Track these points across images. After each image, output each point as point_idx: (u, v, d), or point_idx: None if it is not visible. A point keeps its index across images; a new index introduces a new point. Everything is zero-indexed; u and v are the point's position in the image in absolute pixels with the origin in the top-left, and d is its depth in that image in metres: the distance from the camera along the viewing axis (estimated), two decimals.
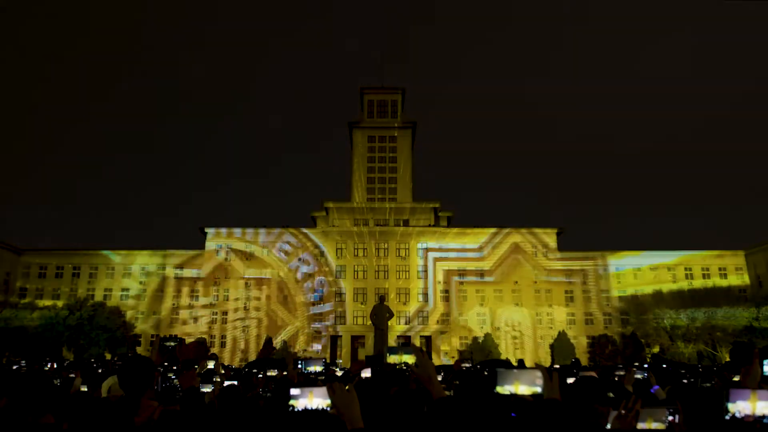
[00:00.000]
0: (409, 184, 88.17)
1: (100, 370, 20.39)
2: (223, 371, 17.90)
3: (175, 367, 15.96)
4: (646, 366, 25.49)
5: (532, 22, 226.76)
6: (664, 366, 27.36)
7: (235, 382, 10.44)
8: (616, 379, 10.81)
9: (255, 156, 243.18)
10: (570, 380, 5.83)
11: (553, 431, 4.50)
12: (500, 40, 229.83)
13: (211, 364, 17.01)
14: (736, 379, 9.05)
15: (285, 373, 12.69)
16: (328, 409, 4.16)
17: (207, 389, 9.99)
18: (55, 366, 23.66)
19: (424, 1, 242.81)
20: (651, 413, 4.69)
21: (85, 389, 10.87)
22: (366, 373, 9.65)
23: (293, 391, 4.28)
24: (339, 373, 18.76)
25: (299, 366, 13.03)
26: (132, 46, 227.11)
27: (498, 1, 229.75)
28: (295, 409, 4.24)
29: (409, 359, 8.24)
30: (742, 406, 3.94)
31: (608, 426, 4.59)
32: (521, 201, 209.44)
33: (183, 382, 5.34)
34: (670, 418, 4.82)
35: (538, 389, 4.67)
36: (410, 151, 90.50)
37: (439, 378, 12.84)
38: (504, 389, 4.69)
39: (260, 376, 14.21)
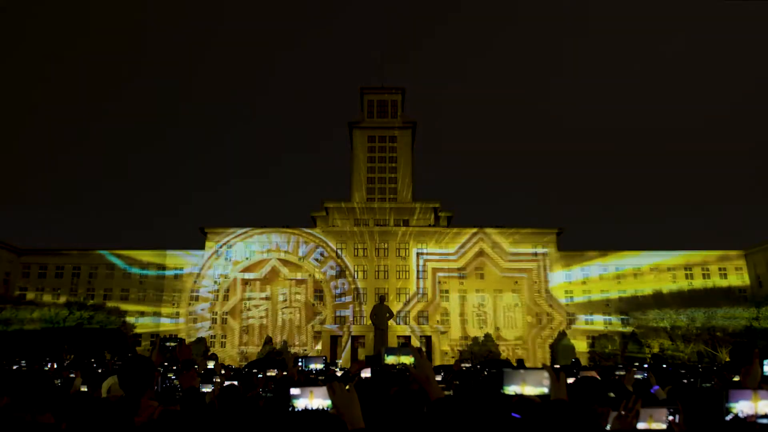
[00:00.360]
0: (409, 184, 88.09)
1: (100, 370, 20.41)
2: (223, 371, 17.89)
3: (175, 367, 15.96)
4: (646, 366, 25.51)
5: (533, 23, 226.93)
6: (664, 366, 27.39)
7: (235, 382, 10.43)
8: (616, 378, 10.81)
9: (255, 156, 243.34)
10: (570, 380, 5.82)
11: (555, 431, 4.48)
12: (500, 40, 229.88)
13: (211, 364, 17.02)
14: (736, 379, 9.05)
15: (285, 372, 12.70)
16: (329, 409, 4.13)
17: (207, 389, 9.99)
18: (55, 366, 23.68)
19: (424, 2, 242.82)
20: (651, 413, 4.69)
21: (85, 389, 10.88)
22: (366, 373, 9.63)
23: (293, 391, 4.25)
24: (339, 373, 18.75)
25: (300, 364, 13.04)
26: (132, 46, 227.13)
27: (499, 2, 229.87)
28: (296, 409, 4.21)
29: (407, 360, 8.22)
30: (744, 406, 3.93)
31: (608, 426, 4.58)
32: (521, 201, 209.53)
33: (183, 382, 5.33)
34: (670, 418, 4.81)
35: (545, 390, 4.63)
36: (410, 151, 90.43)
37: (439, 378, 12.83)
38: (510, 390, 4.65)
39: (260, 376, 14.21)
